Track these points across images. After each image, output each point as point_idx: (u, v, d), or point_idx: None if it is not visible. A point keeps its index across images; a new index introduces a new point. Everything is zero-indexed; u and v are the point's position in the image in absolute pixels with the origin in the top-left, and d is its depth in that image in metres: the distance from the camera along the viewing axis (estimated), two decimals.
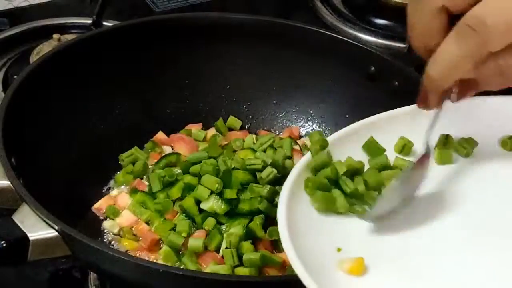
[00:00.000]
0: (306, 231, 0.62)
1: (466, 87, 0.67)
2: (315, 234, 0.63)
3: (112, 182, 0.93)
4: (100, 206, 0.89)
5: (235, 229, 0.83)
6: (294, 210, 0.63)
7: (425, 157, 0.67)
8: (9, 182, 0.76)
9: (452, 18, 0.62)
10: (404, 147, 0.72)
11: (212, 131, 1.00)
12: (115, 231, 0.87)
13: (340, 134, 0.72)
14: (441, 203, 0.67)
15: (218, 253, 0.82)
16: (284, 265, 0.81)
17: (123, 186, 0.92)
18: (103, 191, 0.92)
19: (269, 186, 0.85)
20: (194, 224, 0.85)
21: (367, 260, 0.61)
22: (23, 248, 0.72)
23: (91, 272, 0.87)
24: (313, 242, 0.62)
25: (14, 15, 1.29)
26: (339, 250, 0.62)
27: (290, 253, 0.58)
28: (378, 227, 0.65)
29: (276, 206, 0.84)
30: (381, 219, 0.65)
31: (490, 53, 0.60)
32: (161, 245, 0.84)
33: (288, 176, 0.67)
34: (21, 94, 0.85)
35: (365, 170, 0.70)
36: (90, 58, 0.94)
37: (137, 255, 0.83)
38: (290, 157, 0.93)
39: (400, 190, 0.66)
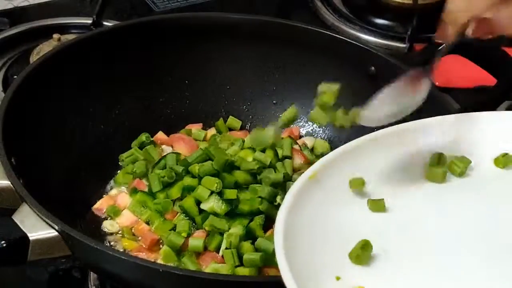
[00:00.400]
0: (304, 259, 0.61)
1: (483, 27, 0.71)
2: (313, 262, 0.62)
3: (112, 182, 0.93)
4: (100, 206, 0.89)
5: (235, 229, 0.83)
6: (292, 237, 0.62)
7: (423, 73, 0.71)
8: (9, 182, 0.76)
9: None
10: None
11: (212, 131, 1.00)
12: (115, 231, 0.87)
13: (329, 156, 0.71)
14: (436, 224, 0.67)
15: (218, 253, 0.82)
16: None
17: (122, 186, 0.92)
18: (103, 191, 0.92)
19: (269, 187, 0.85)
20: (194, 224, 0.85)
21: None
22: (23, 248, 0.72)
23: (91, 272, 0.87)
24: (312, 269, 0.61)
25: (14, 15, 1.29)
26: (338, 278, 0.61)
27: (289, 284, 0.58)
28: (375, 255, 0.64)
29: (276, 207, 0.84)
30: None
31: None
32: (161, 245, 0.84)
33: (283, 202, 0.65)
34: (21, 94, 0.85)
35: None
36: (90, 58, 0.95)
37: (137, 255, 0.83)
38: (290, 157, 0.93)
39: (392, 97, 0.70)
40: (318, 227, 0.65)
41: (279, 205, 0.84)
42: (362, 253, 0.62)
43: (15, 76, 0.93)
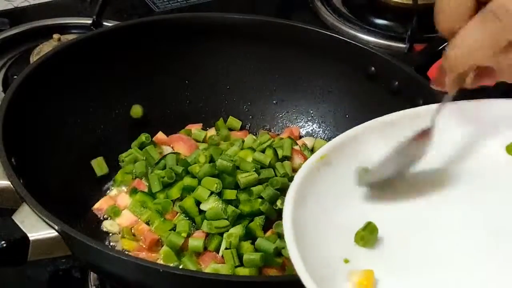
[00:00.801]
0: (313, 242, 0.61)
1: (483, 74, 0.69)
2: (322, 245, 0.62)
3: (112, 182, 0.93)
4: (100, 206, 0.89)
5: (235, 229, 0.83)
6: (300, 220, 0.62)
7: (426, 132, 0.68)
8: (9, 182, 0.76)
9: (479, 5, 0.64)
10: None
11: (212, 131, 1.00)
12: (115, 231, 0.87)
13: (341, 138, 0.70)
14: (447, 210, 0.66)
15: (218, 253, 0.82)
16: (284, 266, 0.81)
17: (122, 186, 0.92)
18: (103, 191, 0.92)
19: (271, 188, 0.85)
20: (194, 224, 0.85)
21: (376, 272, 0.60)
22: (23, 248, 0.72)
23: (91, 272, 0.87)
24: (321, 253, 0.60)
25: (14, 15, 1.29)
26: (346, 261, 0.61)
27: (299, 267, 0.57)
28: (386, 237, 0.64)
29: (276, 209, 0.84)
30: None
31: (511, 43, 0.62)
32: (161, 245, 0.84)
33: (292, 184, 0.64)
34: (21, 94, 0.85)
35: None
36: (90, 58, 0.94)
37: (137, 255, 0.83)
38: (290, 158, 0.93)
39: (396, 160, 0.67)
40: (327, 210, 0.65)
41: (279, 208, 0.85)
42: (367, 234, 0.62)
43: (15, 76, 0.93)
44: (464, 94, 0.71)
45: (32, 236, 0.72)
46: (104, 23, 1.25)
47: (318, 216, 0.64)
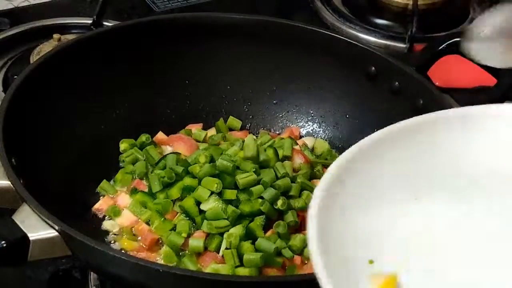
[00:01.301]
0: (337, 240, 0.59)
1: None
2: (346, 244, 0.60)
3: (112, 182, 0.93)
4: (100, 206, 0.89)
5: (235, 229, 0.83)
6: (325, 219, 0.61)
7: None
8: (9, 182, 0.76)
9: None
10: None
11: (212, 131, 1.00)
12: (115, 231, 0.87)
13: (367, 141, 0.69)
14: (478, 218, 0.64)
15: (218, 253, 0.82)
16: (284, 266, 0.81)
17: (123, 186, 0.92)
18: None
19: (271, 188, 0.85)
20: (194, 224, 0.85)
21: (401, 276, 0.58)
22: (23, 248, 0.72)
23: (91, 272, 0.87)
24: (344, 252, 0.59)
25: (15, 15, 1.29)
26: (371, 262, 0.60)
27: (317, 262, 0.55)
28: (414, 241, 0.63)
29: (276, 209, 0.84)
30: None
31: None
32: (161, 245, 0.84)
33: (322, 180, 0.62)
34: (21, 94, 0.85)
35: None
36: (90, 58, 0.94)
37: (137, 255, 0.83)
38: (290, 158, 0.93)
39: None
40: (353, 212, 0.63)
41: (279, 208, 0.85)
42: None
43: (15, 76, 0.93)
44: (466, 96, 0.70)
45: (32, 236, 0.72)
46: (104, 23, 1.25)
47: (345, 217, 0.62)
